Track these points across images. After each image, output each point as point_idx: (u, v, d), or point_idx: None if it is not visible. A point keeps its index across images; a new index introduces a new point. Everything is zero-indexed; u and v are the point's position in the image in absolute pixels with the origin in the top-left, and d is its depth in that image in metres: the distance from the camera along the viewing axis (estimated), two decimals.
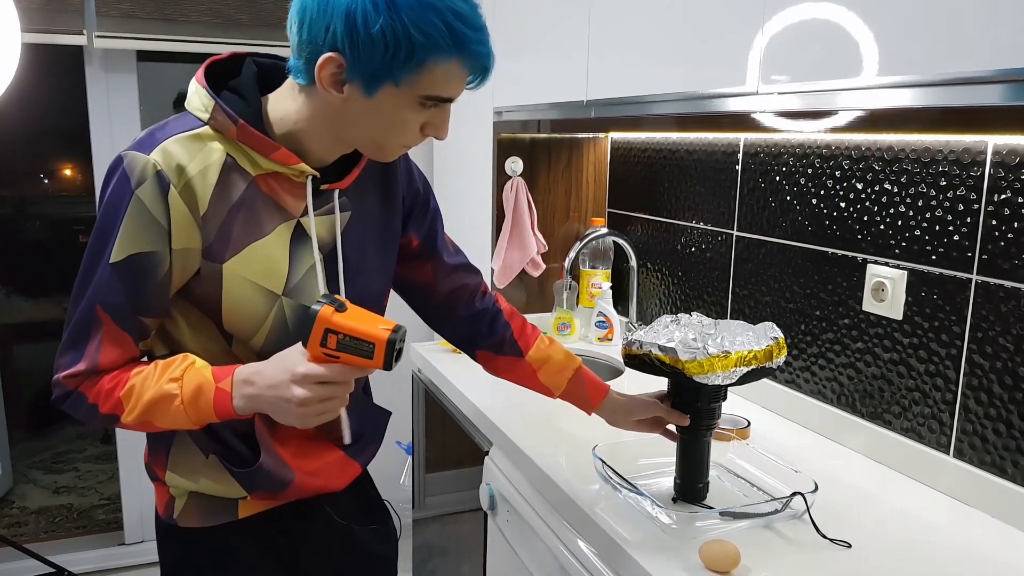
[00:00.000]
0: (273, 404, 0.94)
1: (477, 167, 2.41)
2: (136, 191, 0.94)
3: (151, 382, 0.98)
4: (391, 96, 0.94)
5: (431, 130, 1.00)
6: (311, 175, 1.03)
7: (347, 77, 0.93)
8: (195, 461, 1.08)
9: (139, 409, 0.98)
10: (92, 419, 1.01)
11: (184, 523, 1.11)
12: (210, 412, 0.97)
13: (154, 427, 1.00)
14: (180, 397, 0.96)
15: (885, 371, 1.43)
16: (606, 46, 1.68)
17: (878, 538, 1.16)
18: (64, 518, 3.18)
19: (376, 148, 1.02)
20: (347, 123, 0.99)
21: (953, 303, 1.30)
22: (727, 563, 1.05)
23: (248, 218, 1.00)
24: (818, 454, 1.48)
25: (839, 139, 1.50)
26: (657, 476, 1.32)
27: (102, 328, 0.98)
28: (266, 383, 0.94)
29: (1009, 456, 1.22)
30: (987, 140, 1.23)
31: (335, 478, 1.18)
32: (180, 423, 0.99)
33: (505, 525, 1.54)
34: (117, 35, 2.31)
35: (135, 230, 0.95)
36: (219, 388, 0.96)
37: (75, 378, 0.99)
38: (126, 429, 1.02)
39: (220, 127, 0.98)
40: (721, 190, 1.84)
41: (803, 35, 1.18)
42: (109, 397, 0.99)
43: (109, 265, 0.96)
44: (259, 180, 1.01)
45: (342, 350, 0.92)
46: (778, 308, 1.67)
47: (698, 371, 1.13)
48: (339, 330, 0.92)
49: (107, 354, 0.99)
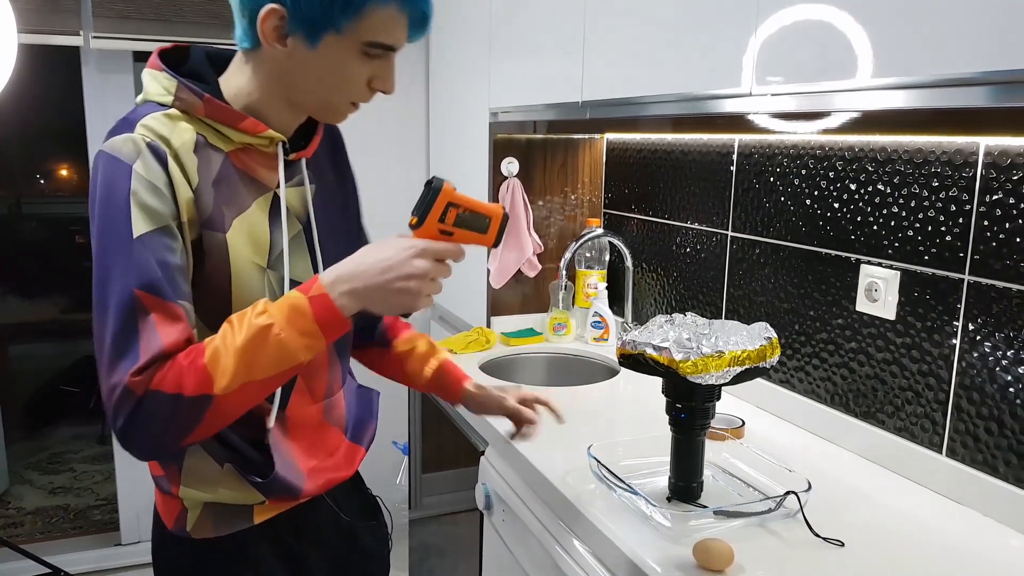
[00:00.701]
0: (389, 286, 0.92)
1: (473, 168, 2.42)
2: (134, 167, 0.91)
3: (236, 331, 0.90)
4: (334, 45, 0.95)
5: (378, 83, 1.01)
6: (280, 140, 1.03)
7: (289, 28, 0.94)
8: (210, 471, 1.04)
9: (233, 364, 0.88)
10: (175, 420, 0.89)
11: (198, 534, 1.07)
12: (314, 327, 0.91)
13: (256, 384, 0.90)
14: (275, 324, 0.89)
15: (878, 371, 1.44)
16: (601, 47, 1.68)
17: (871, 537, 1.17)
18: (60, 519, 3.18)
19: (326, 107, 1.02)
20: (295, 81, 0.99)
21: (945, 303, 1.31)
22: (721, 561, 1.05)
23: (229, 193, 0.99)
24: (812, 453, 1.48)
25: (833, 140, 1.51)
26: (652, 475, 1.33)
27: (149, 312, 0.89)
28: (381, 267, 0.92)
29: (1001, 455, 1.23)
30: (979, 141, 1.24)
31: (344, 465, 1.18)
32: (287, 360, 0.91)
33: (501, 525, 1.54)
34: (113, 36, 2.31)
35: (145, 205, 0.91)
36: (312, 296, 0.91)
37: (143, 374, 0.87)
38: (221, 412, 0.90)
39: (186, 106, 0.98)
40: (716, 191, 1.85)
41: (797, 37, 1.18)
42: (192, 372, 0.88)
43: (134, 241, 0.90)
44: (232, 156, 1.01)
45: (459, 225, 0.95)
46: (772, 308, 1.68)
47: (692, 371, 1.13)
48: (460, 204, 0.95)
49: (167, 334, 0.89)
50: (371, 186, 2.82)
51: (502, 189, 2.28)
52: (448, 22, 2.62)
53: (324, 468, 1.15)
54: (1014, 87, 0.89)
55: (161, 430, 0.89)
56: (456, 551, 1.90)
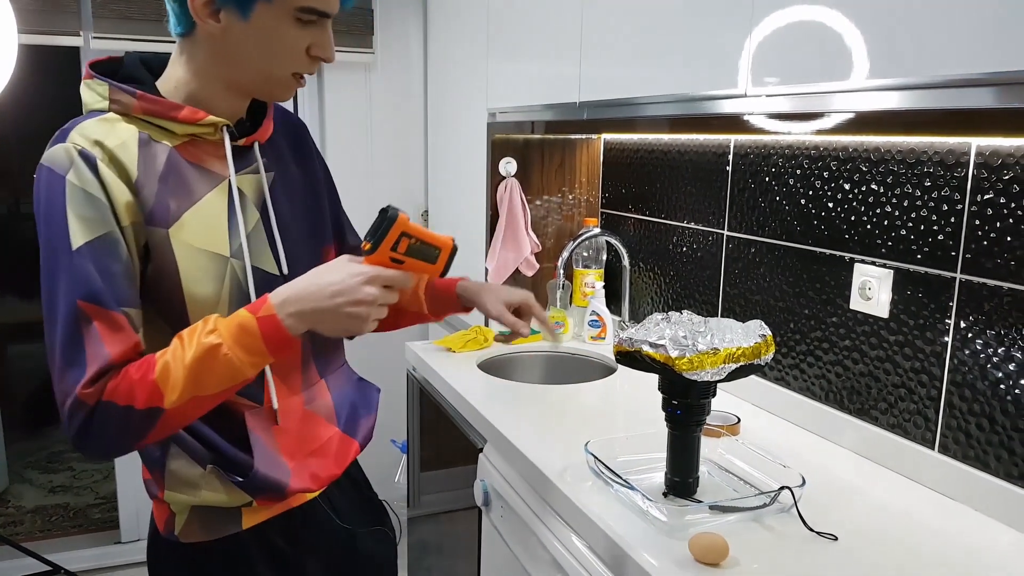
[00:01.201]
0: (337, 311, 0.93)
1: (471, 168, 2.43)
2: (67, 177, 0.92)
3: (185, 347, 0.91)
4: (267, 14, 0.96)
5: (317, 50, 1.01)
6: (223, 125, 1.03)
7: (220, 2, 0.95)
8: (192, 474, 1.05)
9: (182, 381, 0.90)
10: (127, 430, 0.91)
11: (187, 538, 1.07)
12: (261, 346, 0.92)
13: (205, 399, 0.93)
14: (223, 344, 0.91)
15: (872, 368, 1.46)
16: (598, 48, 1.70)
17: (864, 531, 1.18)
18: (60, 517, 3.19)
19: (268, 80, 1.02)
20: (233, 59, 0.99)
21: (938, 301, 1.33)
22: (716, 555, 1.07)
23: (178, 186, 0.99)
24: (806, 449, 1.50)
25: (827, 140, 1.53)
26: (648, 471, 1.34)
27: (92, 321, 0.91)
28: (330, 291, 0.93)
29: (992, 451, 1.25)
30: (970, 142, 1.26)
31: (335, 460, 1.17)
32: (233, 376, 0.92)
33: (499, 521, 1.56)
34: (113, 36, 2.32)
35: (82, 215, 0.92)
36: (261, 317, 0.93)
37: (93, 385, 0.90)
38: (171, 423, 0.93)
39: (122, 108, 0.99)
40: (712, 190, 1.86)
41: (792, 38, 1.20)
42: (142, 386, 0.90)
43: (74, 253, 0.91)
44: (180, 149, 1.01)
45: (410, 254, 0.97)
46: (767, 307, 1.70)
47: (688, 367, 1.15)
48: (413, 234, 0.96)
49: (112, 344, 0.92)
50: (368, 186, 2.84)
51: (500, 189, 2.30)
52: (446, 23, 2.63)
53: (312, 462, 1.13)
54: (1006, 88, 0.91)
55: (113, 438, 0.92)
56: (455, 548, 1.91)
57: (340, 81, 2.77)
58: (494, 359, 2.13)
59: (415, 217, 2.95)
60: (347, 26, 2.63)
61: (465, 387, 1.81)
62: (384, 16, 2.76)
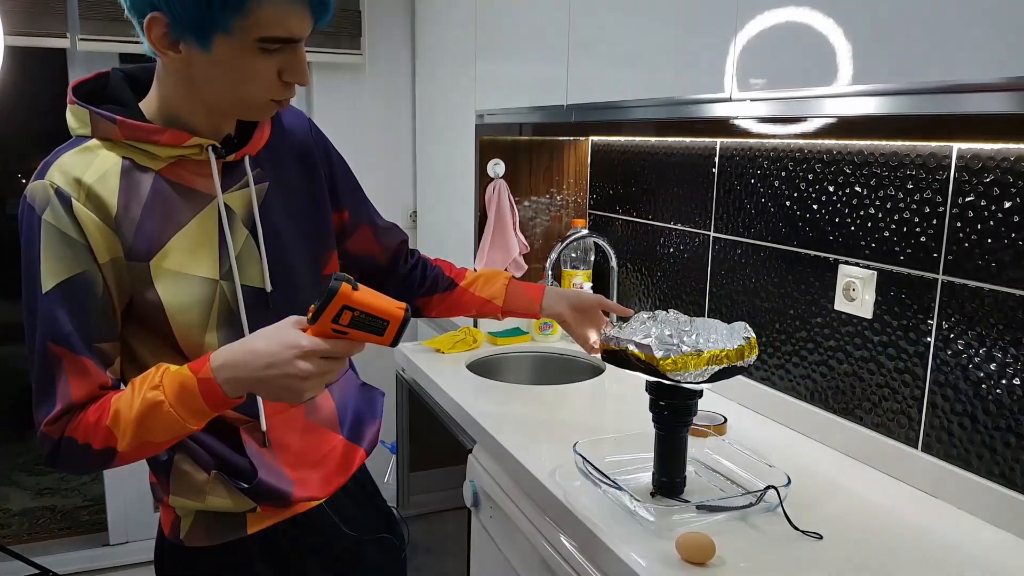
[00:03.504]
0: (271, 381, 0.91)
1: (459, 169, 2.44)
2: (43, 216, 0.93)
3: (134, 399, 0.94)
4: (227, 44, 0.92)
5: (288, 75, 0.97)
6: (209, 145, 1.01)
7: (176, 34, 0.92)
8: (197, 480, 1.05)
9: (131, 430, 0.93)
10: (88, 461, 0.96)
11: (192, 543, 1.08)
12: (201, 406, 0.93)
13: (154, 444, 0.95)
14: (166, 401, 0.92)
15: (856, 368, 1.47)
16: (586, 51, 1.71)
17: (848, 529, 1.20)
18: (48, 519, 3.18)
19: (243, 106, 0.99)
20: (202, 85, 0.97)
21: (920, 302, 1.34)
22: (703, 555, 1.08)
23: (163, 213, 0.99)
24: (792, 449, 1.51)
25: (812, 143, 1.55)
26: (636, 471, 1.35)
27: (62, 363, 0.95)
28: (263, 363, 0.91)
29: (974, 450, 1.27)
30: (952, 146, 1.27)
31: (341, 468, 1.17)
32: (177, 429, 0.94)
33: (488, 521, 1.57)
34: (100, 38, 2.31)
35: (56, 255, 0.94)
36: (200, 379, 0.93)
37: (56, 423, 0.95)
38: (128, 461, 0.97)
39: (104, 134, 0.98)
40: (698, 192, 1.88)
41: (777, 42, 1.21)
42: (97, 430, 0.95)
43: (44, 297, 0.94)
44: (165, 173, 1.00)
45: (354, 326, 0.92)
46: (753, 307, 1.71)
47: (672, 368, 1.16)
48: (356, 307, 0.92)
49: (76, 388, 0.96)
50: None
51: (488, 190, 2.31)
52: (435, 25, 2.64)
53: (317, 472, 1.13)
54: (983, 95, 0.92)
55: (77, 466, 0.99)
56: (444, 549, 1.92)
57: (329, 83, 2.77)
58: (483, 360, 2.13)
59: (404, 219, 2.95)
60: (336, 28, 2.63)
61: (454, 388, 1.81)
62: (372, 18, 2.76)
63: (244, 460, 1.06)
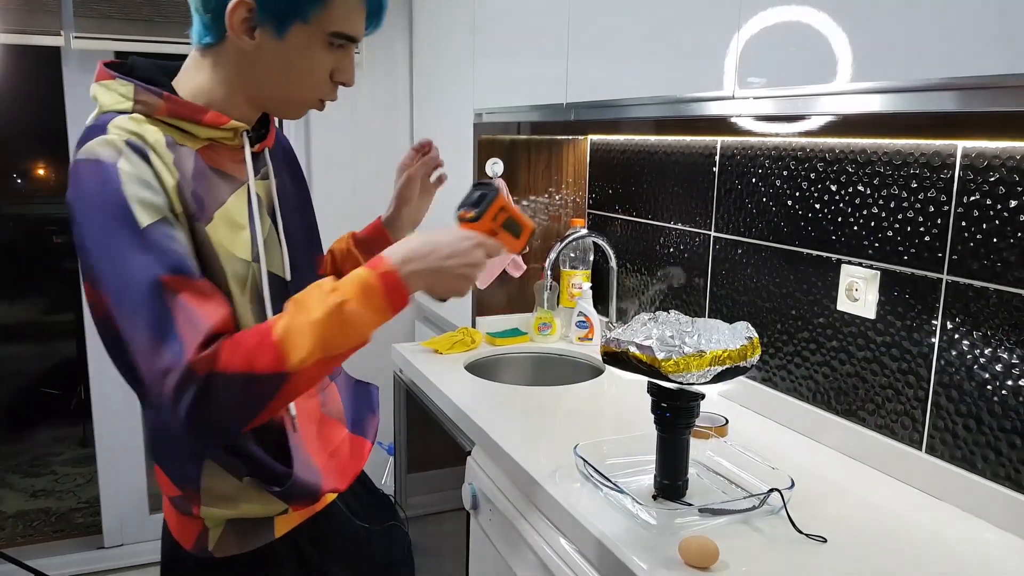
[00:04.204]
0: (450, 271, 1.00)
1: (458, 168, 2.42)
2: (118, 165, 0.89)
3: (309, 308, 0.90)
4: (301, 35, 0.97)
5: (339, 75, 1.03)
6: (244, 130, 1.03)
7: (258, 20, 0.95)
8: (229, 487, 1.03)
9: (310, 339, 0.88)
10: (247, 399, 0.87)
11: (221, 553, 1.06)
12: (382, 304, 0.94)
13: (331, 359, 0.91)
14: (349, 300, 0.91)
15: (859, 369, 1.46)
16: (585, 49, 1.70)
17: (853, 532, 1.18)
18: (42, 522, 3.16)
19: (289, 100, 1.04)
20: (259, 75, 1.00)
21: (924, 302, 1.33)
22: (706, 559, 1.07)
23: (207, 187, 0.98)
24: (794, 450, 1.50)
25: (814, 142, 1.53)
26: (637, 474, 1.34)
27: (181, 294, 0.87)
28: (445, 252, 0.99)
29: (979, 451, 1.26)
30: (956, 144, 1.26)
31: (352, 459, 1.17)
32: (358, 335, 0.92)
33: (488, 524, 1.55)
34: (95, 36, 2.29)
35: (142, 198, 0.89)
36: (381, 273, 0.95)
37: (202, 354, 0.85)
38: (294, 390, 0.90)
39: (147, 109, 0.96)
40: (699, 191, 1.86)
41: (778, 40, 1.20)
42: (263, 349, 0.87)
43: (143, 231, 0.87)
44: (200, 153, 0.99)
45: (504, 227, 1.08)
46: (754, 307, 1.70)
47: (674, 369, 1.14)
48: (508, 210, 1.08)
49: (209, 314, 0.87)
50: (355, 186, 2.83)
51: None
52: (432, 23, 2.62)
53: (334, 462, 1.13)
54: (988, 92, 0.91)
55: (230, 410, 0.87)
56: (443, 551, 1.90)
57: None
58: (481, 361, 2.12)
59: None
60: None
61: (452, 389, 1.80)
62: None
63: (277, 464, 1.04)
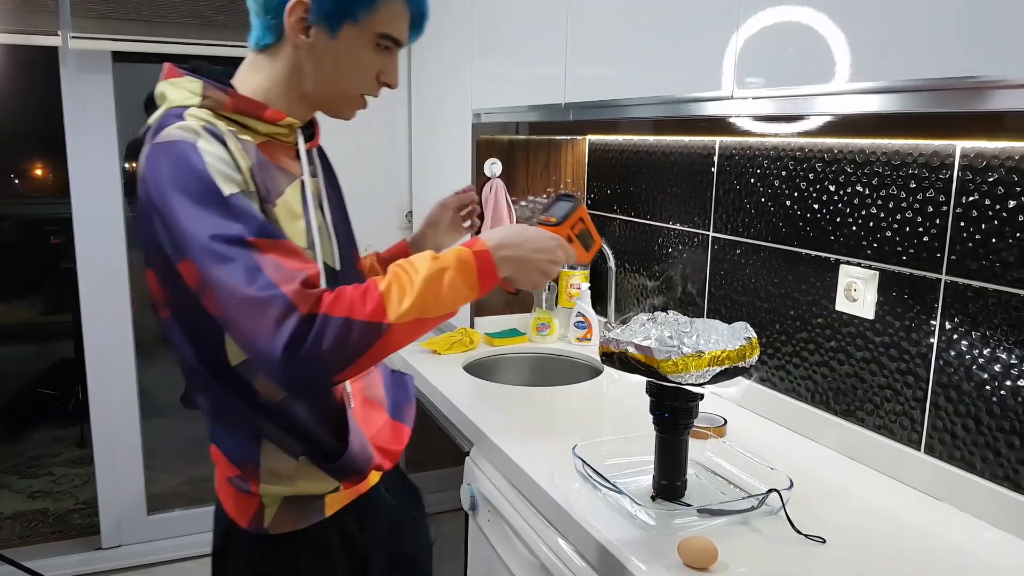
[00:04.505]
0: (535, 264, 1.09)
1: (456, 168, 2.42)
2: (198, 144, 0.95)
3: (414, 271, 0.98)
4: (351, 35, 1.06)
5: (385, 76, 1.12)
6: (299, 126, 1.11)
7: (313, 19, 1.04)
8: (287, 466, 1.10)
9: (412, 296, 0.95)
10: (344, 342, 0.90)
11: (277, 530, 1.11)
12: (473, 279, 1.02)
13: (427, 321, 0.97)
14: (450, 268, 1.00)
15: (858, 369, 1.46)
16: (584, 50, 1.69)
17: (851, 533, 1.18)
18: (40, 523, 3.15)
19: (338, 97, 1.11)
20: (313, 72, 1.08)
21: (923, 302, 1.33)
22: (705, 559, 1.07)
23: (267, 178, 1.04)
24: (793, 451, 1.50)
25: (812, 142, 1.53)
26: (636, 474, 1.34)
27: (267, 253, 0.91)
28: (534, 246, 1.09)
29: (978, 452, 1.26)
30: (955, 144, 1.26)
31: (392, 440, 1.22)
32: (449, 303, 0.99)
33: (486, 525, 1.55)
34: (92, 36, 2.29)
35: (223, 171, 0.94)
36: (476, 251, 1.03)
37: (306, 293, 0.90)
38: (389, 343, 0.94)
39: (213, 104, 1.03)
40: (697, 192, 1.86)
41: (777, 40, 1.20)
42: (366, 299, 0.93)
43: (227, 198, 0.92)
44: (259, 148, 1.06)
45: (579, 237, 1.19)
46: (753, 308, 1.70)
47: (672, 370, 1.14)
48: (586, 222, 1.20)
49: (300, 265, 0.93)
50: (354, 187, 2.82)
51: (485, 189, 2.29)
52: (431, 23, 2.61)
53: (378, 444, 1.18)
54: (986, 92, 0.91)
55: (326, 355, 0.90)
56: (441, 551, 1.90)
57: None
58: (480, 361, 2.12)
59: (400, 219, 2.94)
60: None
61: (451, 390, 1.80)
62: None
63: (332, 440, 1.11)
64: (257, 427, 1.07)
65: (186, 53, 2.40)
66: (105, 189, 2.48)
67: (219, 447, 1.12)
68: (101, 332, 2.56)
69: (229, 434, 1.10)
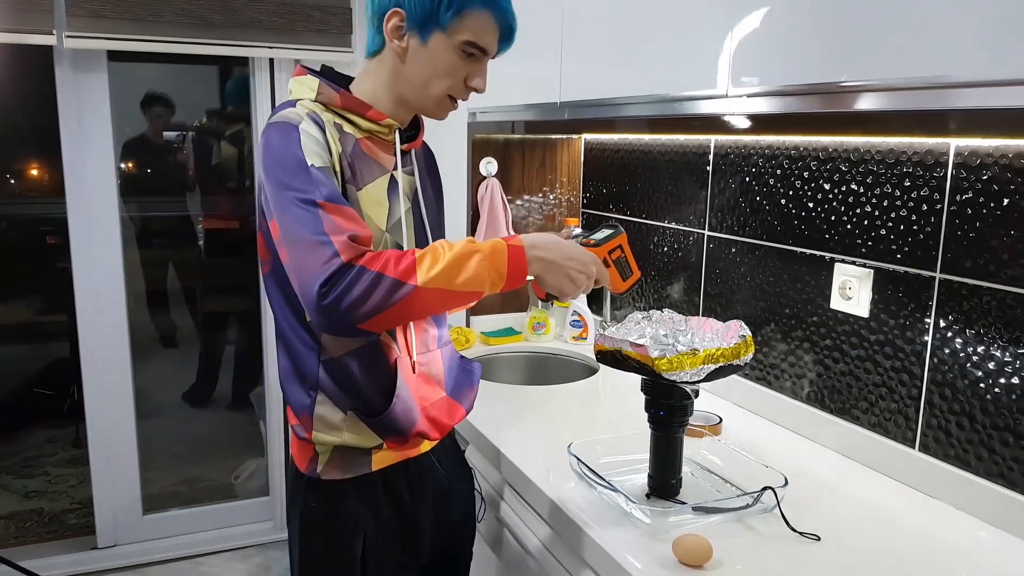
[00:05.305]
0: (566, 271, 1.15)
1: (452, 168, 2.42)
2: (300, 126, 1.11)
3: (448, 248, 1.08)
4: (440, 41, 1.16)
5: (471, 81, 1.22)
6: (396, 127, 1.24)
7: (407, 27, 1.16)
8: (336, 418, 1.21)
9: (441, 267, 1.05)
10: (372, 293, 1.02)
11: (327, 476, 1.23)
12: (503, 269, 1.10)
13: (451, 294, 1.07)
14: (481, 252, 1.08)
15: (852, 367, 1.46)
16: (579, 49, 1.69)
17: (846, 530, 1.18)
18: (35, 523, 3.14)
19: (429, 100, 1.22)
20: (408, 76, 1.20)
21: (917, 301, 1.33)
22: (700, 557, 1.07)
23: (360, 167, 1.19)
24: (787, 449, 1.50)
25: (807, 140, 1.53)
26: (631, 473, 1.34)
27: (331, 215, 1.05)
28: (567, 254, 1.15)
29: (972, 450, 1.26)
30: (949, 142, 1.26)
31: (445, 415, 1.29)
32: (476, 283, 1.08)
33: (482, 524, 1.55)
34: (87, 35, 2.28)
35: (314, 149, 1.10)
36: (511, 245, 1.11)
37: (350, 244, 1.03)
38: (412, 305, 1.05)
39: (326, 100, 1.19)
40: (692, 191, 1.86)
41: (774, 38, 1.20)
42: (400, 260, 1.05)
43: (310, 168, 1.08)
44: (360, 141, 1.20)
45: (615, 263, 1.26)
46: (748, 306, 1.70)
47: (667, 368, 1.14)
48: (624, 251, 1.27)
49: (354, 227, 1.05)
50: None
51: (481, 188, 2.29)
52: None
53: (429, 415, 1.25)
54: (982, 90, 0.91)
55: (358, 303, 1.02)
56: None
57: None
58: (476, 360, 2.11)
59: None
60: (326, 26, 2.61)
61: None
62: (363, 15, 2.73)
63: (378, 401, 1.21)
64: (317, 380, 1.20)
65: (181, 52, 2.40)
66: (100, 189, 2.47)
67: (288, 400, 1.25)
68: (96, 332, 2.55)
69: (296, 387, 1.23)
